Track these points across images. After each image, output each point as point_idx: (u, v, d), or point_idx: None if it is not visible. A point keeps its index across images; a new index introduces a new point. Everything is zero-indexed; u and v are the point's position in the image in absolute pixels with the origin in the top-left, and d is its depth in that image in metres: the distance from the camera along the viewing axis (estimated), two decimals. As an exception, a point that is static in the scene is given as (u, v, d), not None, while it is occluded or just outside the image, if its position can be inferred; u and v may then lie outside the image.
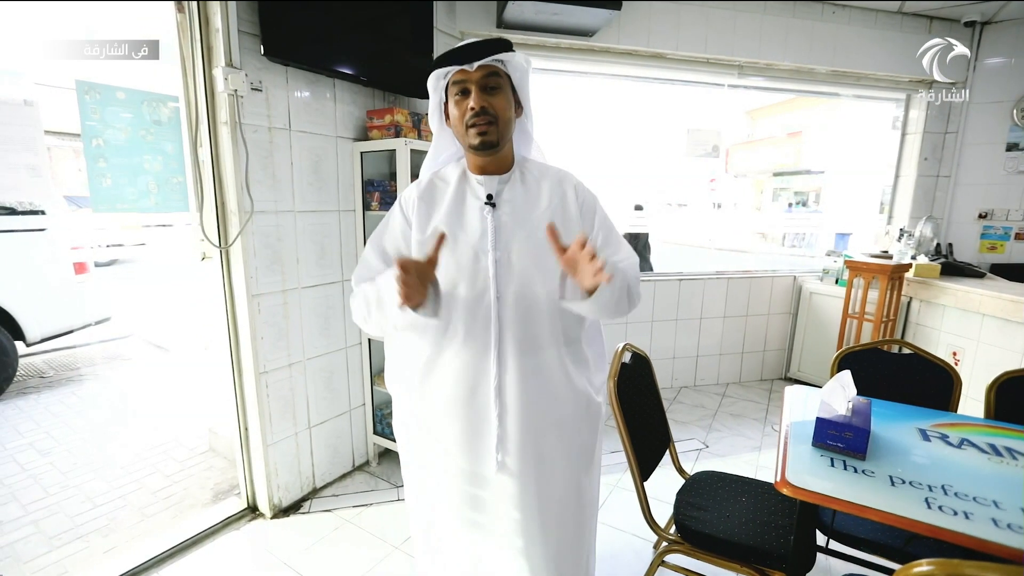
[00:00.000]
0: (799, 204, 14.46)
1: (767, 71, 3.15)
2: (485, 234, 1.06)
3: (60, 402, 3.26)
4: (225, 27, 1.63)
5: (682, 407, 3.16)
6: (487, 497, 1.09)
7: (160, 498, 2.21)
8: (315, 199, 2.02)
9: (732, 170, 16.87)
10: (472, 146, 1.03)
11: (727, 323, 3.45)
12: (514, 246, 1.06)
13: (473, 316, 1.05)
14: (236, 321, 1.87)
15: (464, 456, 1.08)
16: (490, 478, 1.08)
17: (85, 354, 4.31)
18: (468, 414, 1.07)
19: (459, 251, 1.06)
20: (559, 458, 1.10)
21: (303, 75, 1.90)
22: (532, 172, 1.14)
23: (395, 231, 1.12)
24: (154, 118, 1.59)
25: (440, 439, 1.11)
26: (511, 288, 1.05)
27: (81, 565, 1.79)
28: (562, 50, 2.87)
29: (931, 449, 1.23)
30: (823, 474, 1.11)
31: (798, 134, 13.81)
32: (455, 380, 1.07)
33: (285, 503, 2.05)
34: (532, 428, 1.06)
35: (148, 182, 1.60)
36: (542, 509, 1.08)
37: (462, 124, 1.03)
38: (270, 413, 1.95)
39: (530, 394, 1.06)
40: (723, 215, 5.20)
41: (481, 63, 1.00)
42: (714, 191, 17.59)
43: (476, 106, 1.00)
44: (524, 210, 1.08)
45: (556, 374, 1.09)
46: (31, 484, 2.31)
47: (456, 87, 1.03)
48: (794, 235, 12.85)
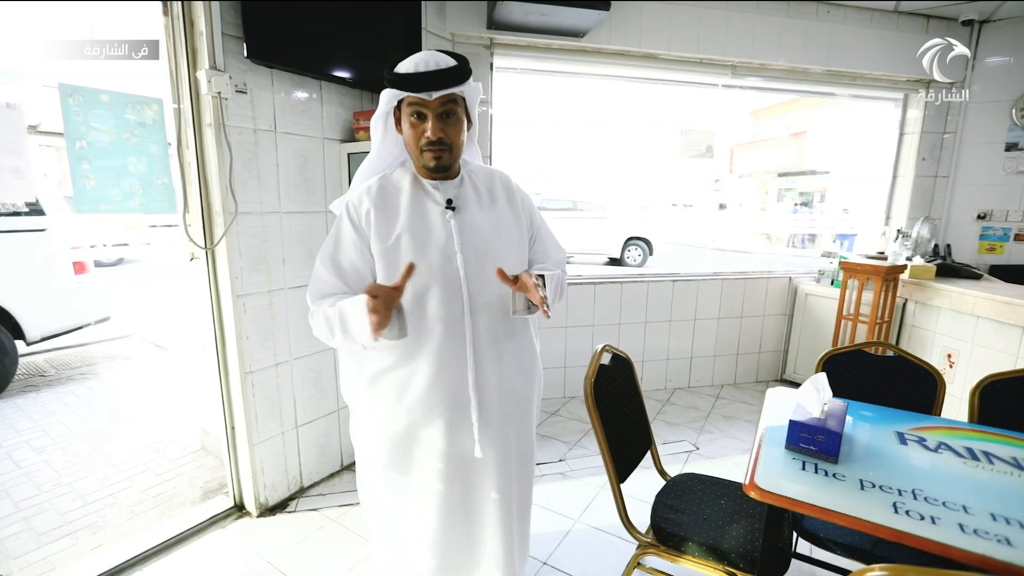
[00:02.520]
0: (804, 205, 14.37)
1: (761, 71, 3.13)
2: (451, 237, 1.12)
3: (58, 401, 3.30)
4: (209, 30, 1.64)
5: (675, 409, 3.14)
6: (469, 477, 1.20)
7: (150, 496, 2.23)
8: (302, 200, 2.03)
9: (737, 171, 16.81)
10: (427, 167, 1.11)
11: (722, 324, 3.44)
12: (477, 246, 1.14)
13: (448, 315, 1.12)
14: (222, 321, 1.89)
15: (447, 444, 1.16)
16: (471, 460, 1.19)
17: (86, 353, 4.35)
18: (449, 406, 1.14)
19: (430, 256, 1.10)
20: (523, 429, 1.28)
21: (289, 77, 1.91)
22: (477, 175, 1.23)
23: (347, 245, 1.12)
24: (138, 120, 1.60)
25: (421, 434, 1.16)
26: (478, 285, 1.13)
27: (68, 562, 1.81)
28: (553, 51, 2.87)
29: (907, 453, 1.21)
30: (793, 477, 1.10)
31: (802, 134, 13.73)
32: (435, 377, 1.12)
33: (272, 502, 2.07)
34: (504, 409, 1.20)
35: (132, 184, 1.61)
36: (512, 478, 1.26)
37: (416, 146, 1.09)
38: (256, 412, 1.96)
39: (502, 379, 1.19)
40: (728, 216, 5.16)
41: (440, 94, 1.04)
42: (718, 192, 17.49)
43: (433, 136, 1.05)
44: (480, 212, 1.17)
45: (519, 357, 1.24)
46: (25, 481, 2.34)
47: (412, 108, 1.06)
48: (800, 236, 12.77)
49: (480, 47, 2.75)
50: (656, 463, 1.71)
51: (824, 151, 12.59)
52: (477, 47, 2.74)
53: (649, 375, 3.39)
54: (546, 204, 10.66)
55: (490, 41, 2.75)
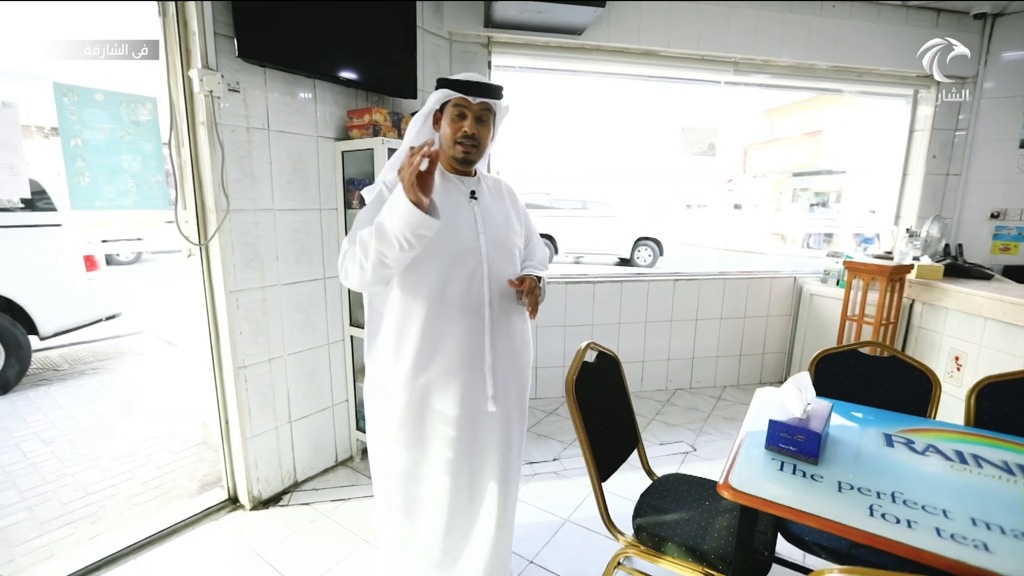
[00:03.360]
0: (820, 205, 14.10)
1: (765, 68, 3.09)
2: (475, 221, 1.33)
3: (68, 394, 3.39)
4: (201, 29, 1.67)
5: (675, 409, 3.11)
6: (478, 434, 1.36)
7: (150, 488, 2.27)
8: (296, 198, 2.05)
9: (750, 171, 16.56)
10: (456, 158, 1.31)
11: (724, 325, 3.39)
12: (493, 231, 1.35)
13: (469, 287, 1.30)
14: (216, 316, 1.92)
15: (460, 402, 1.32)
16: (480, 417, 1.35)
17: (98, 349, 4.46)
18: (467, 364, 1.31)
19: (460, 233, 1.30)
20: (522, 395, 1.46)
21: (282, 76, 1.93)
22: (488, 179, 1.45)
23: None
24: (132, 119, 1.64)
25: (436, 394, 1.32)
26: (495, 263, 1.33)
27: (67, 550, 1.86)
28: (551, 48, 2.86)
29: (892, 455, 1.18)
30: (770, 478, 1.08)
31: (817, 133, 13.47)
32: (456, 342, 1.30)
33: (265, 495, 2.09)
34: (510, 373, 1.39)
35: (127, 181, 1.65)
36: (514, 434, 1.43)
37: (452, 139, 1.28)
38: (249, 407, 1.99)
39: (510, 346, 1.38)
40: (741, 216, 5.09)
41: (482, 100, 1.26)
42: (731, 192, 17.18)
43: (470, 132, 1.27)
44: (493, 206, 1.40)
45: (519, 329, 1.43)
46: (31, 471, 2.41)
47: (456, 108, 1.27)
48: (815, 236, 12.54)
49: (478, 45, 2.75)
50: (643, 462, 1.69)
51: (840, 150, 12.35)
52: (475, 45, 2.75)
53: (650, 375, 3.36)
54: (555, 204, 10.64)
55: (488, 39, 2.75)
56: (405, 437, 1.34)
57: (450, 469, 1.34)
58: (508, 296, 1.36)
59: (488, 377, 1.33)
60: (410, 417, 1.33)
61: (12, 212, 3.30)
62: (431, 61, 2.60)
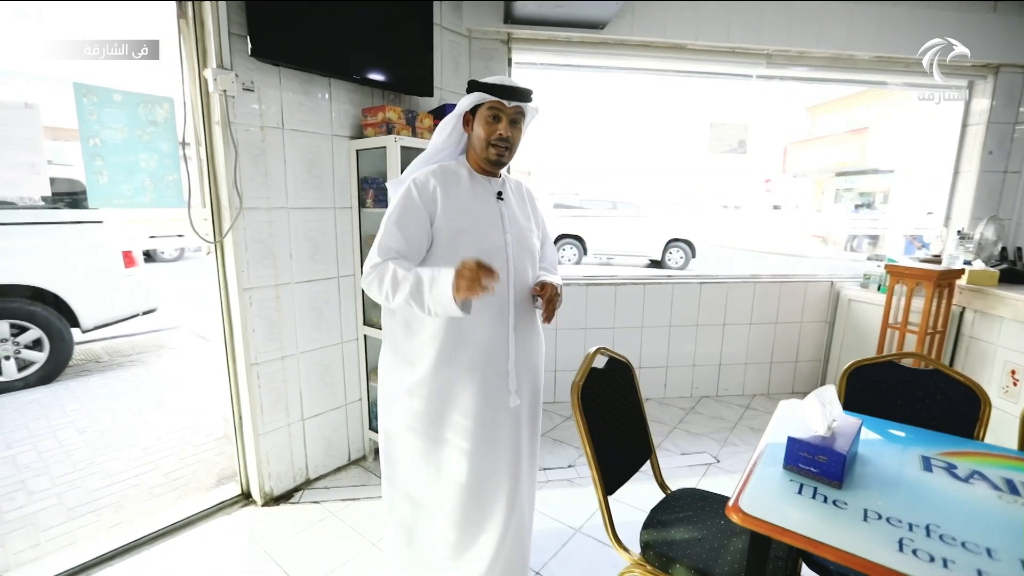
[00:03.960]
0: (866, 206, 13.39)
1: (800, 60, 2.92)
2: (502, 221, 1.37)
3: (105, 385, 3.54)
4: (216, 29, 1.69)
5: (699, 418, 2.98)
6: (499, 425, 1.38)
7: (171, 479, 2.33)
8: (310, 196, 2.06)
9: (790, 170, 15.92)
10: (489, 160, 1.34)
11: (754, 330, 3.23)
12: (517, 232, 1.39)
13: (496, 286, 1.26)
14: (230, 313, 1.94)
15: (480, 397, 1.34)
16: (503, 410, 1.37)
17: (137, 342, 4.65)
18: (490, 362, 1.35)
19: (489, 232, 1.34)
20: (536, 392, 1.50)
21: (297, 75, 1.94)
22: (510, 180, 1.48)
23: (414, 215, 1.29)
24: (150, 119, 1.67)
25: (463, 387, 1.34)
26: (518, 262, 1.37)
27: (89, 537, 1.91)
28: (573, 44, 2.78)
29: (930, 481, 1.07)
30: (786, 501, 0.99)
31: (863, 131, 12.81)
32: (480, 337, 1.33)
33: (277, 492, 2.11)
34: (527, 370, 1.44)
35: (144, 179, 1.68)
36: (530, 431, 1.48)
37: (486, 141, 1.32)
38: (262, 404, 2.01)
39: (528, 344, 1.43)
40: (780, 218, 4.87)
41: (516, 104, 1.30)
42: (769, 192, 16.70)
43: (504, 134, 1.31)
44: (516, 207, 1.44)
45: (536, 328, 1.48)
46: (64, 459, 2.51)
47: (490, 111, 1.30)
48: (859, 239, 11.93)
49: (497, 42, 2.71)
50: (656, 474, 1.60)
51: (888, 148, 11.69)
52: (494, 42, 2.71)
53: (674, 381, 3.24)
54: (584, 204, 10.51)
55: (507, 36, 2.70)
56: (424, 428, 1.36)
57: (466, 460, 1.36)
58: (528, 296, 1.41)
59: (511, 371, 1.37)
60: (430, 409, 1.35)
61: (56, 209, 3.47)
62: (449, 59, 2.57)
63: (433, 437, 1.37)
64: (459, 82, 2.60)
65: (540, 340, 1.52)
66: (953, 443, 1.24)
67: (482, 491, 1.40)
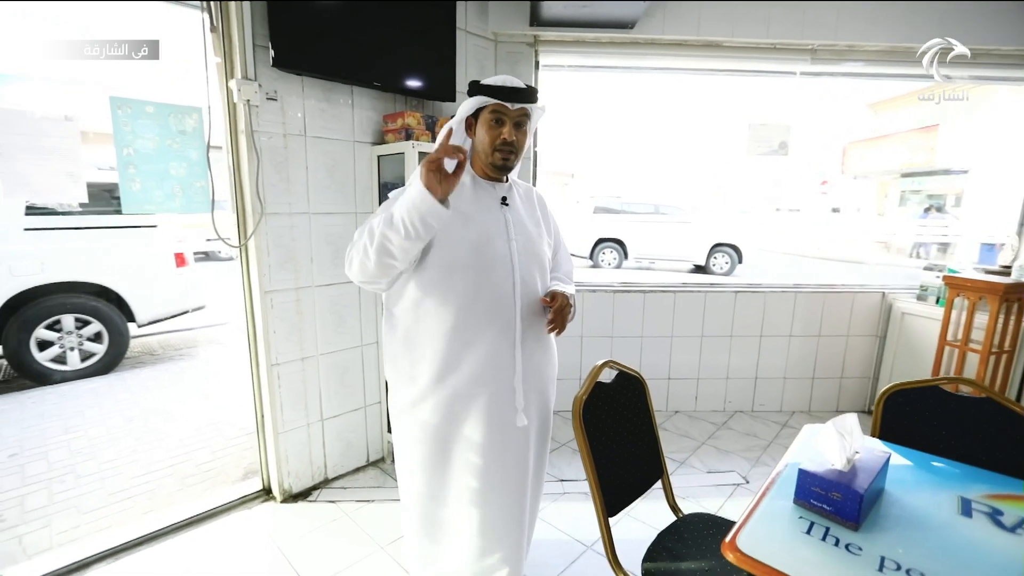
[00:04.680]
0: (934, 209, 12.36)
1: (849, 55, 2.71)
2: (507, 227, 1.30)
3: (154, 377, 3.78)
4: (241, 41, 1.75)
5: (730, 434, 2.82)
6: (507, 449, 1.32)
7: (202, 471, 2.44)
8: (331, 202, 2.10)
9: (850, 171, 14.94)
10: (494, 165, 1.28)
11: (794, 343, 3.03)
12: (523, 239, 1.32)
13: (499, 295, 1.27)
14: (253, 314, 2.01)
15: (490, 418, 1.29)
16: (511, 431, 1.31)
17: (188, 337, 4.95)
18: (495, 378, 1.28)
19: (492, 239, 1.27)
20: (545, 410, 1.43)
21: (319, 83, 1.99)
22: (519, 185, 1.44)
23: None
24: (179, 128, 1.75)
25: (468, 406, 1.28)
26: (525, 271, 1.30)
27: (123, 522, 2.03)
28: (602, 45, 2.71)
29: (967, 528, 0.94)
30: (791, 542, 0.90)
31: (933, 128, 11.84)
32: (484, 351, 1.26)
33: (295, 489, 2.16)
34: (536, 386, 1.36)
35: (174, 186, 1.77)
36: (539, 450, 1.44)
37: (490, 146, 1.26)
38: (281, 403, 2.06)
39: (536, 357, 1.35)
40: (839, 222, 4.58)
41: (520, 106, 1.24)
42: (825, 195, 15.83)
43: (509, 139, 1.24)
44: (523, 213, 1.38)
45: (546, 341, 1.40)
46: (110, 446, 2.69)
47: (493, 115, 1.24)
48: (927, 245, 11.03)
49: (523, 45, 2.68)
50: (668, 496, 1.52)
51: (961, 147, 10.74)
52: (520, 45, 2.68)
53: (705, 394, 3.09)
54: (626, 207, 10.30)
55: (534, 38, 2.67)
56: (432, 440, 1.32)
57: (476, 498, 1.32)
58: (537, 306, 1.33)
59: (518, 388, 1.31)
60: (435, 425, 1.30)
61: (117, 215, 3.74)
62: (475, 63, 2.57)
63: (441, 450, 1.33)
64: (484, 86, 2.58)
65: (551, 353, 1.44)
66: (1003, 484, 1.10)
67: (494, 508, 1.36)
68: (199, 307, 4.46)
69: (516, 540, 1.39)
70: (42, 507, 2.14)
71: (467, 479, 1.32)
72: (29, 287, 3.39)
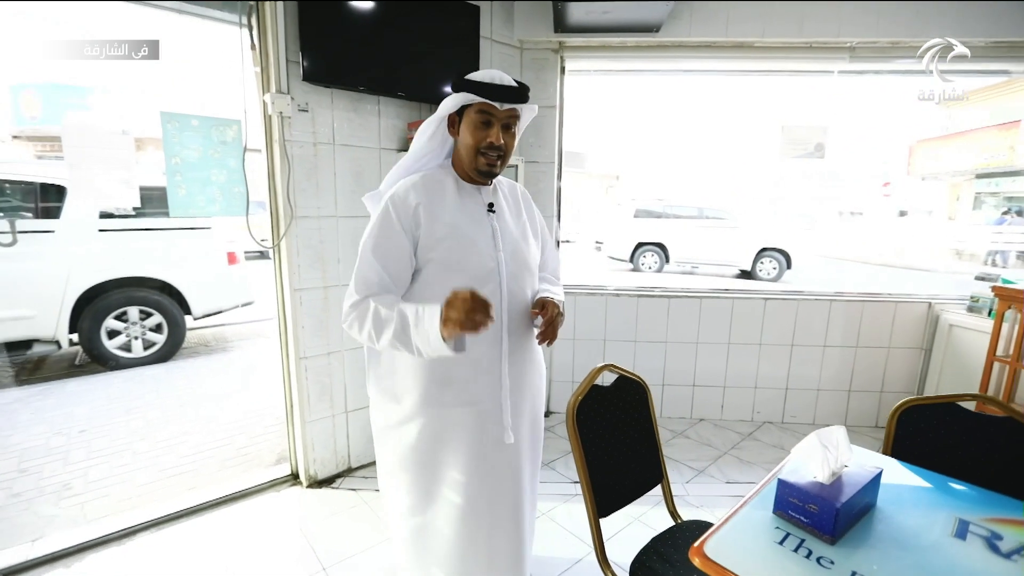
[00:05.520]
0: (1015, 213, 11.30)
1: (892, 51, 2.57)
2: (493, 237, 1.22)
3: (207, 366, 4.08)
4: (276, 57, 1.90)
5: (756, 446, 2.74)
6: (494, 467, 1.26)
7: (240, 454, 2.64)
8: (358, 206, 2.22)
9: (917, 171, 13.92)
10: (478, 171, 1.19)
11: (828, 353, 2.90)
12: (511, 248, 1.24)
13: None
14: (285, 310, 2.16)
15: (477, 437, 1.23)
16: (500, 448, 1.26)
17: (238, 330, 5.30)
18: (483, 395, 1.23)
19: (479, 251, 1.19)
20: (536, 425, 1.39)
21: (347, 95, 2.11)
22: (503, 185, 1.34)
23: (393, 242, 1.14)
24: (220, 139, 1.92)
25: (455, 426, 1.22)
26: (513, 282, 1.24)
27: (168, 496, 2.23)
28: (628, 48, 2.71)
29: (957, 550, 0.91)
30: (762, 551, 0.90)
31: (1014, 124, 10.84)
32: (471, 367, 1.20)
33: (320, 476, 2.30)
34: (526, 400, 1.32)
35: (215, 191, 1.93)
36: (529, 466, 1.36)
37: (474, 149, 1.16)
38: (308, 394, 2.20)
39: (523, 370, 1.29)
40: (907, 225, 4.36)
41: (509, 106, 1.14)
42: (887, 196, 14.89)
43: (496, 142, 1.15)
44: (509, 218, 1.29)
45: (533, 353, 1.35)
46: (163, 428, 2.94)
47: (480, 115, 1.14)
48: (1005, 252, 10.11)
49: (548, 51, 2.72)
50: (667, 501, 1.52)
51: (1047, 144, 9.76)
52: (546, 52, 2.72)
53: (732, 403, 3.01)
54: (668, 210, 10.09)
55: (559, 44, 2.71)
56: (416, 463, 1.24)
57: (462, 516, 1.24)
58: (525, 318, 1.27)
59: (505, 403, 1.24)
60: (421, 446, 1.23)
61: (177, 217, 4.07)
62: (499, 70, 2.63)
63: (427, 476, 1.25)
64: (509, 93, 2.64)
65: (538, 363, 1.39)
66: (1013, 509, 1.04)
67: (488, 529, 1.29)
68: (248, 303, 4.77)
69: (518, 557, 1.34)
70: (103, 478, 2.39)
71: (457, 500, 1.24)
72: (101, 281, 3.76)
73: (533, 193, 2.84)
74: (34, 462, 2.52)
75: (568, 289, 2.90)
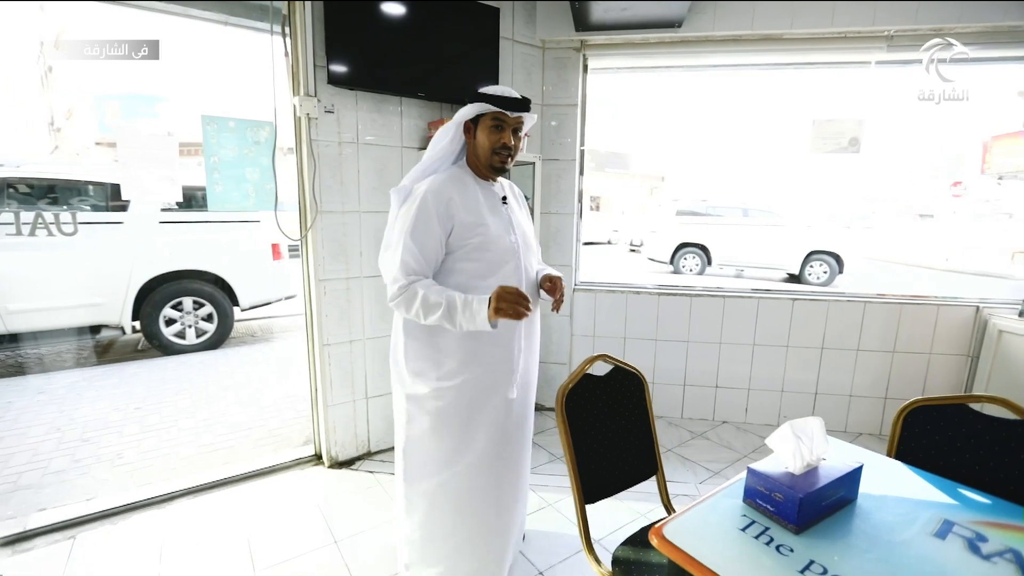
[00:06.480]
0: (1110, 214, 10.16)
1: (932, 38, 2.43)
2: (509, 224, 1.47)
3: (250, 355, 4.36)
4: (304, 63, 2.04)
5: (779, 451, 2.65)
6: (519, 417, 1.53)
7: (272, 435, 2.82)
8: (380, 202, 2.34)
9: (993, 169, 12.76)
10: (493, 167, 1.44)
11: (862, 358, 2.77)
12: (520, 233, 1.49)
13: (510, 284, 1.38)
14: (310, 300, 2.30)
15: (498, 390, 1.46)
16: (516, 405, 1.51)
17: (282, 322, 5.61)
18: (502, 356, 1.46)
19: (503, 237, 1.43)
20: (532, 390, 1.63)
21: (371, 96, 2.23)
22: (503, 182, 1.59)
23: (431, 230, 1.34)
24: (254, 139, 2.08)
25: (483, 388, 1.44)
26: (524, 264, 1.48)
27: (204, 468, 2.42)
28: (651, 45, 2.70)
29: (931, 548, 0.88)
30: (722, 535, 0.91)
31: (1108, 116, 9.74)
32: (500, 338, 1.44)
33: (341, 458, 2.43)
34: (532, 361, 1.58)
35: (248, 188, 2.09)
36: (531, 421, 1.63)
37: (489, 149, 1.41)
38: (331, 379, 2.34)
39: (532, 338, 1.56)
40: (982, 229, 4.11)
41: (517, 114, 1.40)
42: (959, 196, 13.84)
43: (509, 143, 1.40)
44: (516, 209, 1.56)
45: (538, 323, 1.62)
46: (206, 408, 3.19)
47: (494, 121, 1.39)
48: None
49: (570, 50, 2.75)
50: (662, 494, 1.52)
51: None
52: (567, 51, 2.75)
53: (756, 406, 2.92)
54: (711, 211, 9.80)
55: (580, 43, 2.73)
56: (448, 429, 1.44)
57: (490, 463, 1.48)
58: (533, 290, 1.51)
59: (518, 366, 1.49)
60: (454, 410, 1.43)
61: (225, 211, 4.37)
62: (522, 70, 2.69)
63: (458, 438, 1.44)
64: (531, 91, 2.70)
65: (539, 329, 1.66)
66: (1011, 514, 0.99)
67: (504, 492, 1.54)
68: (291, 296, 5.05)
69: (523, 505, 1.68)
70: (151, 450, 2.62)
71: (489, 457, 1.47)
72: (162, 272, 4.10)
73: (552, 191, 2.90)
74: (94, 433, 2.80)
75: (588, 287, 2.91)
